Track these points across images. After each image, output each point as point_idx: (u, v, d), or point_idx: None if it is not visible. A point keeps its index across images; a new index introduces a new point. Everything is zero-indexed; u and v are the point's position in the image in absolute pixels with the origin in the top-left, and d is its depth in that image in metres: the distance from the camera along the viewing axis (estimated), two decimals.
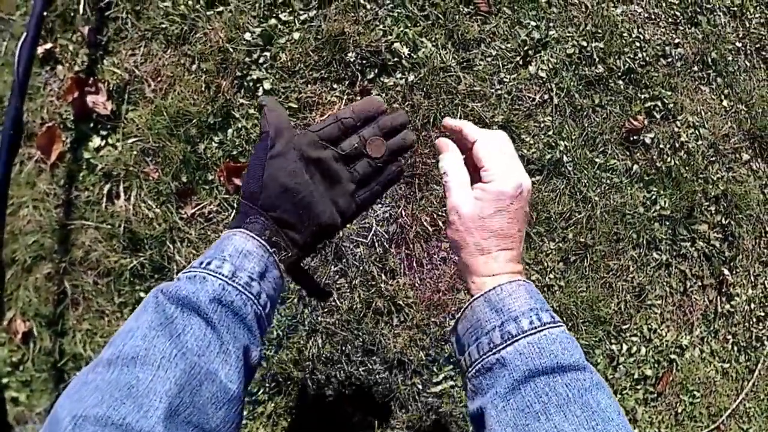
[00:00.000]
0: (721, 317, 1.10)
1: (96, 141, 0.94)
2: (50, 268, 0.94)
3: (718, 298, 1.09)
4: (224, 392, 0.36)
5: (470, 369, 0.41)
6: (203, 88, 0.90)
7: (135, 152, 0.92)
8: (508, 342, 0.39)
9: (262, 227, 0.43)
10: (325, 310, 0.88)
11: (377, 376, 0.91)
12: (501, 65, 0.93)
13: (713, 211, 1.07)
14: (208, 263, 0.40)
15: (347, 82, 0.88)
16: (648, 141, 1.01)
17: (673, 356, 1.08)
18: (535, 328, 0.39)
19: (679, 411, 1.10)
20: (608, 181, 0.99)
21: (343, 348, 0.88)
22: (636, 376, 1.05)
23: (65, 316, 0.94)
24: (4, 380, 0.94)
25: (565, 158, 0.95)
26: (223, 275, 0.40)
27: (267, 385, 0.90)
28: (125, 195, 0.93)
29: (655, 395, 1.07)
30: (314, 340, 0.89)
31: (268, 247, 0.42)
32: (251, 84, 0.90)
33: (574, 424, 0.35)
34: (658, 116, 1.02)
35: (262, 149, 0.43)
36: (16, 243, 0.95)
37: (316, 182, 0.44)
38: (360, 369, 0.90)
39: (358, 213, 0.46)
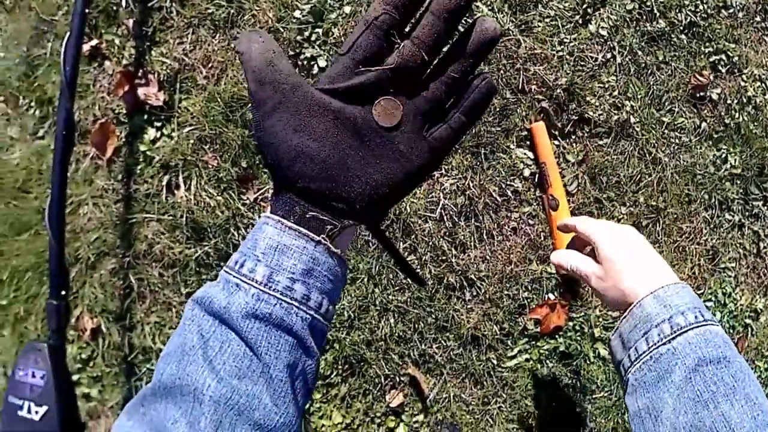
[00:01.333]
0: None
1: (151, 133, 0.91)
2: (114, 264, 0.92)
3: None
4: (268, 418, 0.31)
5: (636, 362, 0.42)
6: None
7: (192, 141, 0.89)
8: (678, 332, 0.40)
9: (289, 205, 0.32)
10: (397, 288, 0.85)
11: (451, 353, 0.87)
12: (560, 25, 0.88)
13: None
14: (242, 264, 0.33)
15: None
16: (715, 97, 0.95)
17: (748, 321, 1.02)
18: (700, 322, 0.41)
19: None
20: (677, 141, 0.93)
21: (416, 326, 0.84)
22: None
23: (132, 310, 0.91)
24: (75, 377, 0.92)
25: (632, 119, 0.90)
26: (257, 282, 0.32)
27: (340, 367, 0.86)
28: (185, 185, 0.90)
29: None
30: (386, 320, 0.85)
31: (309, 233, 0.32)
32: (305, 63, 0.86)
33: (740, 413, 0.36)
34: (723, 70, 0.96)
35: (254, 111, 0.31)
36: (78, 241, 0.93)
37: (348, 127, 0.31)
38: (434, 346, 0.86)
39: (437, 158, 0.32)
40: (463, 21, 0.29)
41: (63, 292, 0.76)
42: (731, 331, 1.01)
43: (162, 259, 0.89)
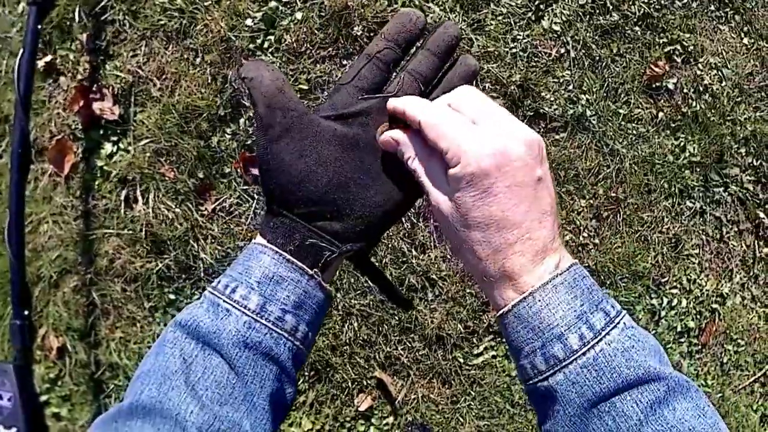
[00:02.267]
0: (759, 261, 1.03)
1: (108, 147, 0.89)
2: (77, 281, 0.89)
3: (756, 242, 1.02)
4: None
5: (524, 384, 0.32)
6: (209, 81, 0.85)
7: (148, 154, 0.86)
8: (556, 368, 0.29)
9: (288, 231, 0.32)
10: (358, 291, 0.83)
11: (417, 354, 0.86)
12: (513, 23, 0.86)
13: (743, 153, 1.00)
14: (234, 290, 0.32)
15: (356, 57, 0.82)
16: (671, 87, 0.94)
17: (714, 306, 1.01)
18: (587, 343, 0.29)
19: (725, 361, 1.03)
20: (634, 132, 0.92)
21: (380, 328, 0.83)
22: (679, 329, 0.99)
23: (97, 327, 0.89)
24: (44, 397, 0.90)
25: (588, 112, 0.88)
26: (249, 310, 0.32)
27: (306, 374, 0.85)
28: (143, 198, 0.88)
29: (700, 347, 1.01)
30: (350, 324, 0.84)
31: (304, 267, 0.32)
32: None
33: None
34: (678, 60, 0.95)
35: (260, 135, 0.32)
36: (39, 260, 0.91)
37: (351, 150, 0.32)
38: (399, 348, 0.84)
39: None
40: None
41: (26, 312, 0.75)
42: (698, 317, 1.00)
43: (124, 274, 0.87)
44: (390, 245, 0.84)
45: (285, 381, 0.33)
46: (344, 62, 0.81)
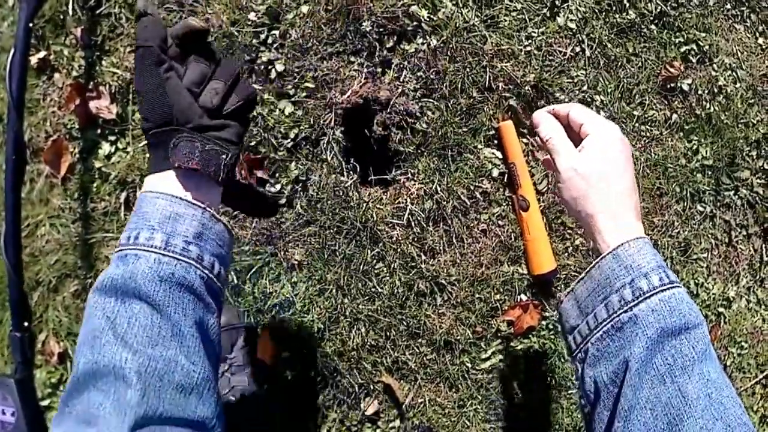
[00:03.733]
0: (766, 265, 0.99)
1: (106, 148, 0.82)
2: (77, 285, 0.84)
3: (764, 245, 0.98)
4: (188, 377, 0.32)
5: (596, 330, 0.37)
6: None
7: (147, 155, 0.80)
8: (641, 299, 0.35)
9: (190, 144, 0.35)
10: (366, 297, 0.78)
11: (425, 359, 0.81)
12: (528, 19, 0.79)
13: (755, 156, 0.95)
14: (137, 236, 0.34)
15: (365, 54, 0.75)
16: (686, 88, 0.88)
17: (720, 309, 0.97)
18: (664, 285, 0.36)
19: (728, 363, 1.00)
20: (648, 134, 0.87)
21: (388, 334, 0.78)
22: None
23: None
24: (46, 402, 0.85)
25: (602, 113, 0.82)
26: (156, 247, 0.34)
27: (312, 379, 0.80)
28: None
29: None
30: (357, 329, 0.79)
31: (197, 202, 0.36)
32: (262, 67, 0.77)
33: (696, 389, 0.33)
34: (694, 60, 0.89)
35: (152, 67, 0.35)
36: (38, 264, 0.85)
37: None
38: (407, 353, 0.80)
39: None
40: None
41: (26, 323, 0.69)
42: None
43: None
44: (399, 250, 0.78)
45: (205, 311, 0.35)
46: (352, 59, 0.75)
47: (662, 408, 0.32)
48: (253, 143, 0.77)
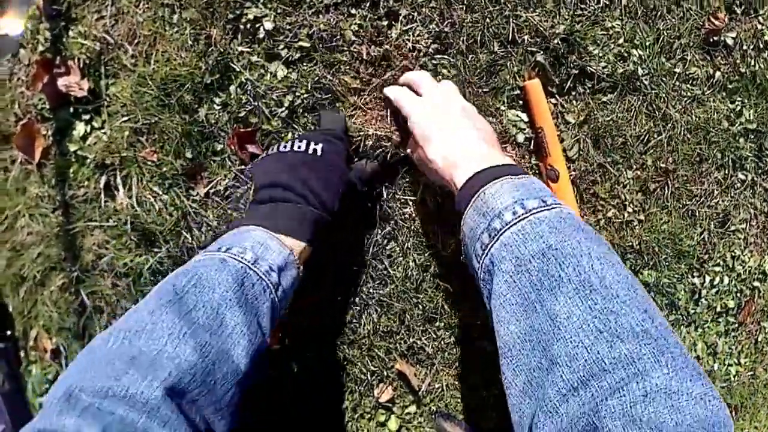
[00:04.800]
0: None
1: (80, 128, 0.71)
2: (63, 279, 0.74)
3: None
4: (235, 373, 0.33)
5: (477, 279, 0.37)
6: (191, 43, 0.65)
7: (126, 134, 0.69)
8: (495, 239, 0.35)
9: (307, 219, 0.43)
10: (377, 281, 0.69)
11: (442, 343, 0.73)
12: None
13: None
14: (228, 248, 0.37)
15: (368, 4, 0.62)
16: (730, 42, 0.75)
17: (755, 283, 0.88)
18: (518, 217, 0.34)
19: (759, 339, 0.91)
20: (689, 94, 0.74)
21: (402, 318, 0.69)
22: (718, 309, 0.86)
23: (89, 327, 0.75)
24: (42, 399, 0.77)
25: (640, 70, 0.70)
26: (245, 260, 0.36)
27: (322, 371, 0.72)
28: (124, 186, 0.71)
29: (736, 325, 0.89)
30: (368, 315, 0.70)
31: (285, 242, 0.40)
32: (248, 26, 0.65)
33: (568, 305, 0.29)
34: (739, 11, 0.75)
35: (338, 148, 0.48)
36: (21, 259, 0.75)
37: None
38: (423, 338, 0.71)
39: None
40: None
41: (8, 332, 0.61)
42: (739, 295, 0.87)
43: (113, 269, 0.72)
44: (412, 228, 0.68)
45: (262, 329, 0.36)
46: (353, 12, 0.62)
47: (536, 336, 0.29)
48: (243, 114, 0.66)
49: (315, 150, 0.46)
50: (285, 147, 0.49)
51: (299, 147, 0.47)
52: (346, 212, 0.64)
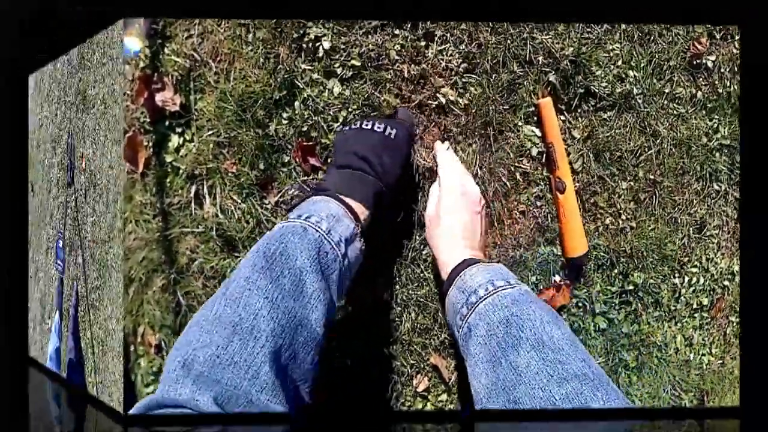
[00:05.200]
0: None
1: (174, 140, 0.48)
2: (163, 280, 0.50)
3: None
4: (313, 338, 0.23)
5: (457, 344, 0.29)
6: (263, 60, 0.43)
7: (211, 146, 0.46)
8: (471, 310, 0.27)
9: (374, 190, 0.30)
10: (416, 284, 0.42)
11: None
12: None
13: None
14: (308, 216, 0.27)
15: (408, 26, 0.39)
16: (710, 65, 0.47)
17: (725, 282, 0.54)
18: (489, 292, 0.26)
19: (728, 332, 0.57)
20: (674, 112, 0.46)
21: (436, 317, 0.42)
22: (694, 306, 0.53)
23: (185, 324, 0.50)
24: (150, 389, 0.53)
25: (635, 90, 0.43)
26: (322, 230, 0.26)
27: (366, 364, 0.45)
28: (210, 195, 0.48)
29: (709, 320, 0.55)
30: (408, 314, 0.43)
31: (352, 214, 0.28)
32: (310, 45, 0.42)
33: (527, 358, 0.23)
34: (718, 36, 0.47)
35: (408, 137, 0.32)
36: (130, 260, 0.53)
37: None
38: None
39: None
40: None
41: None
42: (712, 293, 0.55)
43: (203, 271, 0.49)
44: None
45: (333, 296, 0.27)
46: (396, 32, 0.38)
47: (501, 385, 0.22)
48: (305, 128, 0.42)
49: (390, 134, 0.33)
50: (367, 124, 0.34)
51: (378, 128, 0.33)
52: (389, 221, 0.39)
